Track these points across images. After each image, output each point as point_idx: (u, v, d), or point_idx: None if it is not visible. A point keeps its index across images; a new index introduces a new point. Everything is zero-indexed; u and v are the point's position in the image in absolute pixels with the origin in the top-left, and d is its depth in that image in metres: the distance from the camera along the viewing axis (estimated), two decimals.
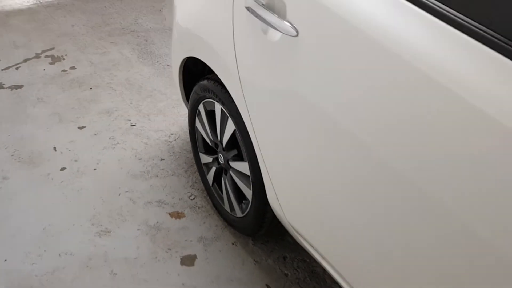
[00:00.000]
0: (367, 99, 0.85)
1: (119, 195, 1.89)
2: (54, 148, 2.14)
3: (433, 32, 0.76)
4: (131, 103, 2.48)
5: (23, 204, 1.82)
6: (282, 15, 1.05)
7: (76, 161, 2.07)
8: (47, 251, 1.64)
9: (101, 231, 1.73)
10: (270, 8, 1.07)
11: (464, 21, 0.72)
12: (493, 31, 0.69)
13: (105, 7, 3.67)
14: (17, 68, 2.76)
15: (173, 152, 2.14)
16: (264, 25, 1.10)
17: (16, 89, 2.57)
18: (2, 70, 2.74)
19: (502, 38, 0.68)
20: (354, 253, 1.03)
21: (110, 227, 1.75)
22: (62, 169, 2.02)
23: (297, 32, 1.00)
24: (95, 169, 2.02)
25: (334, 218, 1.06)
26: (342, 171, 0.96)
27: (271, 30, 1.08)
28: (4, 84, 2.60)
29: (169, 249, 1.67)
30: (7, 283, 1.51)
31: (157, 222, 1.77)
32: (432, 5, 0.77)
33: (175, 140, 2.21)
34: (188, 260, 1.63)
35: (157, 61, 2.85)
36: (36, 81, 2.64)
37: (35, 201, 1.84)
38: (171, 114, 2.36)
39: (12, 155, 2.08)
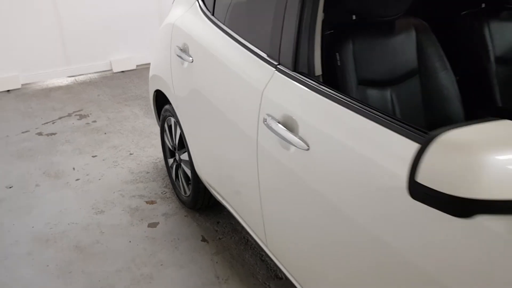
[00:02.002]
0: (228, 94, 1.84)
1: (114, 192, 2.88)
2: (73, 168, 3.20)
3: (240, 53, 1.77)
4: (132, 141, 3.55)
5: (47, 199, 2.83)
6: (186, 52, 2.11)
7: (87, 175, 3.11)
8: (60, 222, 2.61)
9: (98, 211, 2.70)
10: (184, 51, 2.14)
11: (254, 51, 1.72)
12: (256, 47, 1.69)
13: (125, 82, 4.95)
14: (53, 123, 3.96)
15: (156, 168, 3.14)
16: (180, 60, 2.15)
17: (51, 135, 3.73)
18: (42, 124, 3.93)
19: (264, 55, 1.65)
20: (242, 194, 1.92)
21: (104, 209, 2.72)
22: (77, 179, 3.05)
23: (191, 58, 2.04)
24: (99, 179, 3.04)
25: (227, 173, 1.98)
26: (230, 146, 1.88)
27: (185, 63, 2.13)
28: (43, 132, 3.77)
29: (141, 220, 2.60)
30: (34, 239, 2.48)
31: (136, 206, 2.73)
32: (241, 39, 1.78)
33: (159, 161, 3.22)
34: (152, 225, 2.56)
35: None
36: (66, 130, 3.79)
37: (56, 197, 2.84)
38: (160, 147, 3.40)
39: (44, 173, 3.15)
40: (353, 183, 1.19)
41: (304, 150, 1.33)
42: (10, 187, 2.97)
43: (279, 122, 1.43)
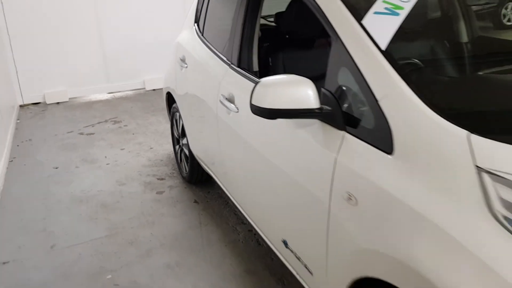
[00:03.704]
0: (203, 84, 2.85)
1: (134, 172, 3.92)
2: (105, 157, 4.28)
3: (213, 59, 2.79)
4: (153, 140, 4.62)
5: (84, 176, 3.88)
6: (184, 61, 3.15)
7: (115, 161, 4.17)
8: (92, 190, 3.65)
9: (120, 184, 3.74)
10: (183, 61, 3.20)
11: (217, 52, 2.74)
12: (218, 51, 2.71)
13: (155, 98, 6.09)
14: (92, 126, 5.10)
15: (169, 158, 4.17)
16: (180, 67, 3.20)
17: (90, 134, 4.86)
18: (84, 127, 5.08)
19: (219, 53, 2.67)
20: (212, 154, 2.92)
21: (125, 182, 3.76)
22: (107, 164, 4.13)
23: (186, 65, 3.08)
24: (124, 164, 4.10)
25: (206, 143, 2.94)
26: (205, 122, 2.88)
27: (183, 69, 3.17)
28: (83, 133, 4.91)
29: (152, 189, 3.62)
30: (71, 199, 3.52)
31: (150, 181, 3.75)
32: (216, 51, 2.81)
33: (172, 153, 4.23)
34: (159, 193, 3.56)
35: None
36: (102, 131, 4.92)
37: (90, 175, 3.88)
38: None
39: (82, 159, 4.25)
40: (259, 126, 2.13)
41: (236, 113, 2.31)
42: (56, 168, 4.07)
43: (226, 98, 2.42)
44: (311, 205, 1.67)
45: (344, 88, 1.61)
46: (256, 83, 1.68)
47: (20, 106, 5.92)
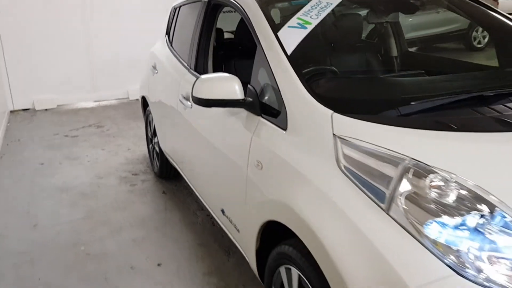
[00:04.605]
0: (167, 87, 3.41)
1: (111, 168, 4.46)
2: (86, 155, 4.81)
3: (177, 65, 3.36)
4: (132, 142, 5.16)
5: (66, 170, 4.38)
6: (155, 67, 3.73)
7: (96, 159, 4.71)
8: (73, 182, 4.17)
9: (98, 177, 4.26)
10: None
11: (180, 59, 3.31)
12: (181, 58, 3.28)
13: (137, 106, 6.60)
14: (77, 130, 5.64)
15: (144, 157, 4.70)
16: (152, 73, 3.77)
17: (74, 137, 5.40)
18: (69, 130, 5.62)
19: (181, 60, 3.24)
20: (176, 146, 3.47)
21: (103, 176, 4.28)
22: (88, 161, 4.65)
23: (157, 71, 3.65)
24: (103, 161, 4.63)
25: (171, 138, 3.51)
26: (169, 120, 3.44)
27: (154, 75, 3.74)
28: (68, 135, 5.45)
29: (126, 182, 4.15)
30: (54, 189, 4.04)
31: (125, 176, 4.28)
32: (180, 58, 3.38)
33: (147, 154, 4.80)
34: (133, 185, 4.08)
35: None
36: (85, 134, 5.46)
37: (72, 170, 4.39)
38: None
39: (66, 157, 4.77)
40: (204, 117, 2.68)
41: (190, 108, 2.87)
42: (42, 164, 4.59)
43: (183, 97, 2.98)
44: (236, 173, 2.21)
45: (262, 84, 2.17)
46: (197, 78, 2.24)
47: (11, 111, 6.46)
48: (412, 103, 1.82)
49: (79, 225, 3.36)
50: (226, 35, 4.08)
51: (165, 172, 3.97)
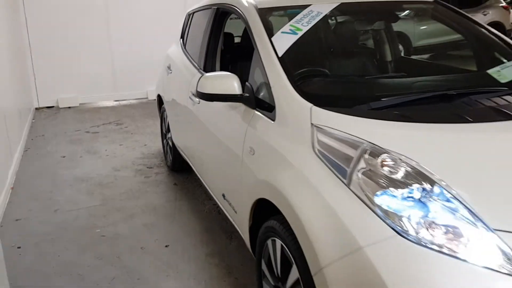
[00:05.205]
0: (179, 86, 3.77)
1: (128, 162, 4.84)
2: (106, 150, 5.21)
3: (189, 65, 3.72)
4: (149, 138, 5.55)
5: (86, 163, 4.77)
6: (170, 68, 4.10)
7: (114, 153, 5.10)
8: (92, 173, 4.56)
9: (116, 169, 4.65)
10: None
11: (192, 60, 3.67)
12: (193, 60, 3.64)
13: (155, 106, 7.05)
14: (97, 126, 6.06)
15: (159, 152, 5.08)
16: (167, 73, 4.14)
17: (94, 133, 5.82)
18: (90, 127, 6.05)
19: (193, 61, 3.60)
20: (187, 140, 3.82)
21: (120, 169, 4.67)
22: (106, 155, 5.05)
23: (171, 71, 4.03)
24: (121, 156, 5.02)
25: (183, 133, 3.88)
26: (181, 116, 3.81)
27: (169, 75, 4.11)
28: (89, 131, 5.87)
29: (141, 174, 4.52)
30: (75, 179, 4.43)
31: (140, 169, 4.66)
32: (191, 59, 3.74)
33: (161, 148, 5.18)
34: (147, 177, 4.45)
35: None
36: (105, 130, 5.87)
37: (91, 163, 4.78)
38: None
39: (86, 151, 5.18)
40: (210, 111, 3.02)
41: (198, 104, 3.22)
42: (63, 156, 5.00)
43: (193, 94, 3.33)
44: (233, 160, 2.54)
45: (257, 81, 2.51)
46: (201, 76, 2.59)
47: (36, 108, 6.93)
48: (382, 99, 2.12)
49: (96, 211, 3.73)
50: (238, 40, 4.43)
51: (177, 165, 4.32)
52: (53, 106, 7.05)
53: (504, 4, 11.60)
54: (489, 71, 2.46)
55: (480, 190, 1.64)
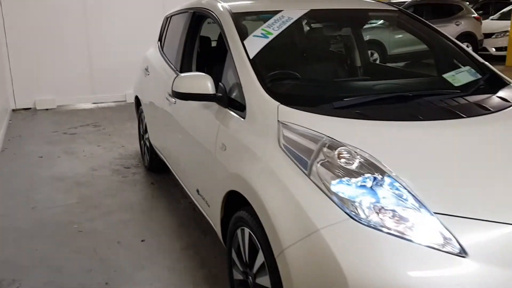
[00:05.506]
0: (156, 87, 3.93)
1: (105, 162, 4.97)
2: (83, 150, 5.32)
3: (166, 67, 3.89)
4: (126, 140, 5.68)
5: (63, 163, 4.88)
6: (147, 70, 4.26)
7: (91, 154, 5.22)
8: (69, 172, 4.67)
9: (93, 169, 4.77)
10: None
11: (169, 62, 3.84)
12: (169, 60, 3.81)
13: (134, 109, 7.19)
14: (75, 128, 6.17)
15: (136, 153, 5.21)
16: (144, 75, 4.30)
17: (72, 134, 5.92)
18: (68, 128, 6.15)
19: (170, 63, 3.76)
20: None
21: (97, 169, 4.79)
22: (84, 155, 5.16)
23: (148, 73, 4.18)
24: (98, 156, 5.14)
25: (159, 133, 4.03)
26: (158, 117, 3.97)
27: (146, 76, 4.27)
28: (67, 132, 5.97)
29: (118, 174, 4.65)
30: (52, 179, 4.53)
31: (118, 169, 4.79)
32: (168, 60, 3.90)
33: (139, 150, 5.31)
34: (124, 176, 4.59)
35: None
36: (83, 132, 5.98)
37: (69, 163, 4.89)
38: None
39: (63, 151, 5.29)
40: (185, 110, 3.19)
41: (174, 104, 3.38)
42: (41, 157, 5.10)
43: (169, 94, 3.49)
44: (206, 156, 2.71)
45: (230, 82, 2.69)
46: (176, 76, 2.76)
47: (13, 110, 6.99)
48: (345, 99, 2.32)
49: (73, 208, 3.85)
50: (215, 44, 4.61)
51: (154, 165, 4.46)
52: (30, 108, 7.13)
53: (476, 15, 12.05)
54: (445, 75, 2.68)
55: (425, 179, 1.84)
